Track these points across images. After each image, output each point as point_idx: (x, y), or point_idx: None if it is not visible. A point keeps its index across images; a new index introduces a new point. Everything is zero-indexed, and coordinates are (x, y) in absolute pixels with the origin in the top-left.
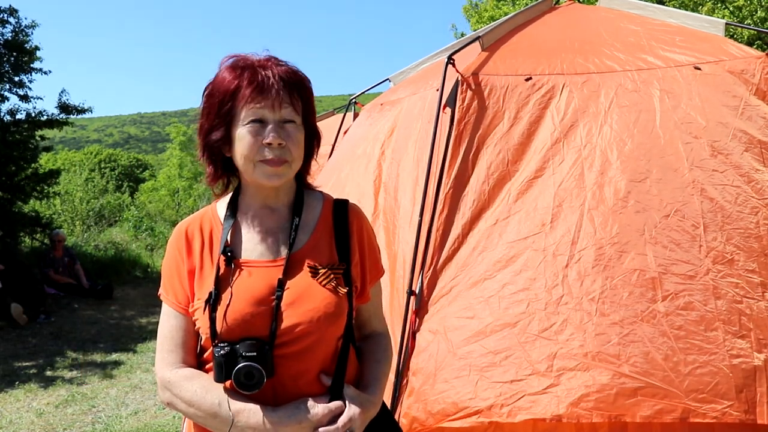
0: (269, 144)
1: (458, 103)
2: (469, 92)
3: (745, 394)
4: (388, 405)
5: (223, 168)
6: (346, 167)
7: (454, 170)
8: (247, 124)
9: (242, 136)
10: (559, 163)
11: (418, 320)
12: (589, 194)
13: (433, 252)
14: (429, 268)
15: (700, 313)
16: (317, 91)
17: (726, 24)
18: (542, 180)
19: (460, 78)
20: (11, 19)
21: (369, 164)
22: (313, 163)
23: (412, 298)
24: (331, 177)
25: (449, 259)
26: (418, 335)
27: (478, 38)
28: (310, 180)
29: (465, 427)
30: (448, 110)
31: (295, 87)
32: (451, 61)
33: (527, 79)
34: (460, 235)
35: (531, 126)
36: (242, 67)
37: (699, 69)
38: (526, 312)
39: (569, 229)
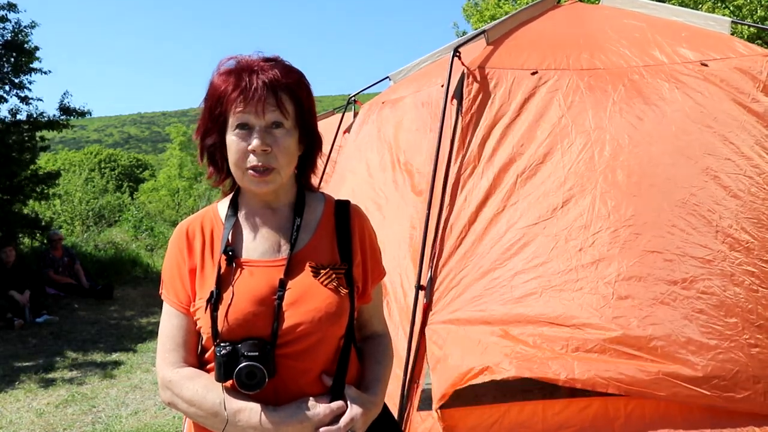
0: (254, 150)
1: (464, 95)
2: (476, 84)
3: (762, 385)
4: (397, 403)
5: (227, 170)
6: (349, 168)
7: (461, 161)
8: (234, 130)
9: (230, 143)
10: (568, 147)
11: (428, 314)
12: (601, 177)
13: (442, 244)
14: (438, 261)
15: (720, 299)
16: (317, 92)
17: (731, 22)
18: (551, 164)
19: (466, 71)
20: (11, 17)
21: (374, 165)
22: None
23: (422, 292)
24: (340, 184)
25: (458, 249)
26: (428, 329)
27: (483, 32)
28: (313, 180)
29: (476, 414)
30: (455, 102)
31: (283, 89)
32: (457, 54)
33: (533, 73)
34: (467, 225)
35: (538, 114)
36: (231, 71)
37: (706, 65)
38: (539, 299)
39: (581, 213)
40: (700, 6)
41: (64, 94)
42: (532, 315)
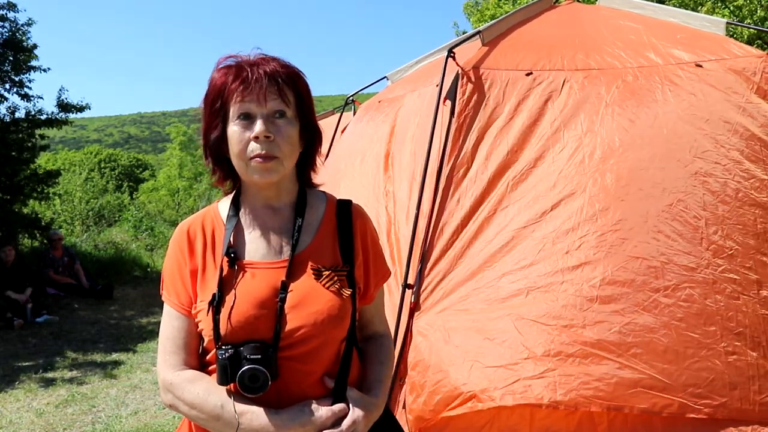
0: (257, 138)
1: (458, 96)
2: (470, 85)
3: (738, 392)
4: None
5: (228, 168)
6: (343, 165)
7: (453, 162)
8: (236, 120)
9: (232, 134)
10: (559, 151)
11: (415, 313)
12: (590, 181)
13: (431, 244)
14: (427, 261)
15: (700, 307)
16: (317, 92)
17: (726, 23)
18: (542, 168)
19: (460, 71)
20: (9, 15)
21: (368, 162)
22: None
23: (409, 291)
24: (326, 175)
25: (448, 250)
26: (415, 328)
27: (478, 33)
28: (314, 177)
29: (466, 418)
30: (448, 103)
31: (284, 80)
32: (452, 55)
33: (528, 74)
34: (459, 226)
35: (532, 117)
36: (230, 65)
37: (700, 66)
38: (524, 300)
39: (570, 216)
40: (700, 6)
41: (60, 90)
42: (515, 314)
